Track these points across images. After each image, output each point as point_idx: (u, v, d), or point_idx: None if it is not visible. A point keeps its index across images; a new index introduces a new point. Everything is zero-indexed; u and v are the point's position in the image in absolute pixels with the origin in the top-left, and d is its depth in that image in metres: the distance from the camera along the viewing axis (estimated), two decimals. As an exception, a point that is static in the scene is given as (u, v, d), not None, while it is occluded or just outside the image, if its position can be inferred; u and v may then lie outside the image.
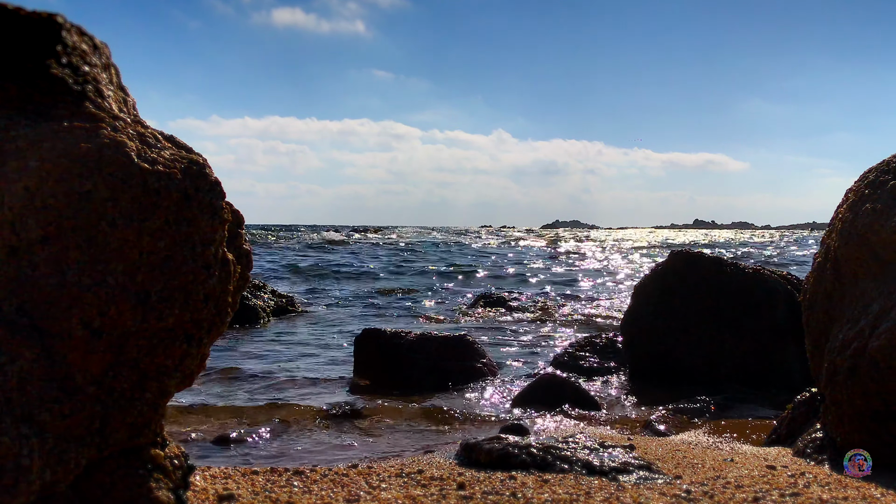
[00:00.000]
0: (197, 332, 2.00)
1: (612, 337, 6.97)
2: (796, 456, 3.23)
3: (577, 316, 10.28)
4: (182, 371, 2.01)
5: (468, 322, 9.64)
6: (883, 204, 3.01)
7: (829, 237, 3.36)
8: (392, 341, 5.98)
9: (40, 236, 1.77)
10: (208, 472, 2.72)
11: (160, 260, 1.89)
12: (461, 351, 6.04)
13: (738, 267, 6.05)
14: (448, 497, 2.50)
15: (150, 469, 2.02)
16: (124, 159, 1.86)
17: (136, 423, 1.93)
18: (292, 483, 2.64)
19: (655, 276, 6.29)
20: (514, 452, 2.96)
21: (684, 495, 2.51)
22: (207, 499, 2.38)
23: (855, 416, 2.87)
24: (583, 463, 2.90)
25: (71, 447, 1.78)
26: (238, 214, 2.24)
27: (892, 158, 3.20)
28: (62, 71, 1.93)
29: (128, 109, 2.10)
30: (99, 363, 1.82)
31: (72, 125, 1.86)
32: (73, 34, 1.98)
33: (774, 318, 5.76)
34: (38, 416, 1.71)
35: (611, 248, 36.81)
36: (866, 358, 2.80)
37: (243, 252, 2.24)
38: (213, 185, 2.03)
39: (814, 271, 3.46)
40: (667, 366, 5.92)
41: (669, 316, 6.00)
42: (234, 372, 6.01)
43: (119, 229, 1.83)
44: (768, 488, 2.59)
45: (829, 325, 3.24)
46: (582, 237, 65.23)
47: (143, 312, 1.86)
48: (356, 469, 2.90)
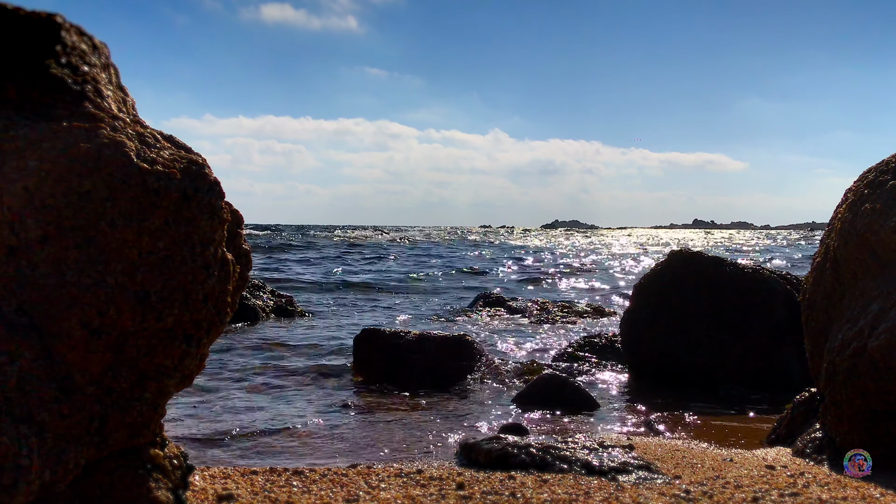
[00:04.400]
0: (196, 333, 2.00)
1: (612, 337, 6.97)
2: (795, 456, 3.23)
3: (576, 316, 10.28)
4: (181, 371, 2.00)
5: (468, 322, 9.64)
6: (882, 204, 3.01)
7: (829, 237, 3.36)
8: (391, 341, 5.98)
9: (40, 236, 1.77)
10: (207, 471, 2.72)
11: (159, 260, 1.89)
12: (460, 351, 6.03)
13: (738, 266, 6.05)
14: (447, 497, 2.50)
15: (149, 469, 2.02)
16: (124, 159, 1.85)
17: (135, 423, 1.93)
18: (291, 483, 2.64)
19: (655, 276, 6.29)
20: (513, 452, 2.96)
21: (683, 495, 2.52)
22: (207, 499, 2.38)
23: (854, 416, 2.87)
24: (582, 463, 2.90)
25: (70, 447, 1.78)
26: (237, 214, 2.23)
27: (892, 158, 3.21)
28: (61, 71, 1.93)
29: (127, 109, 2.10)
30: (98, 363, 1.82)
31: (71, 125, 1.86)
32: (72, 34, 1.98)
33: (773, 317, 5.76)
34: (38, 416, 1.71)
35: (611, 249, 36.79)
36: (865, 358, 2.80)
37: (242, 252, 2.24)
38: (213, 185, 2.02)
39: (813, 271, 3.46)
40: (666, 366, 5.92)
41: (669, 316, 6.00)
42: (234, 371, 6.01)
43: (118, 229, 1.83)
44: (767, 488, 2.59)
45: (829, 325, 3.24)
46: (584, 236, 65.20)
47: (142, 312, 1.86)
48: (355, 469, 2.90)
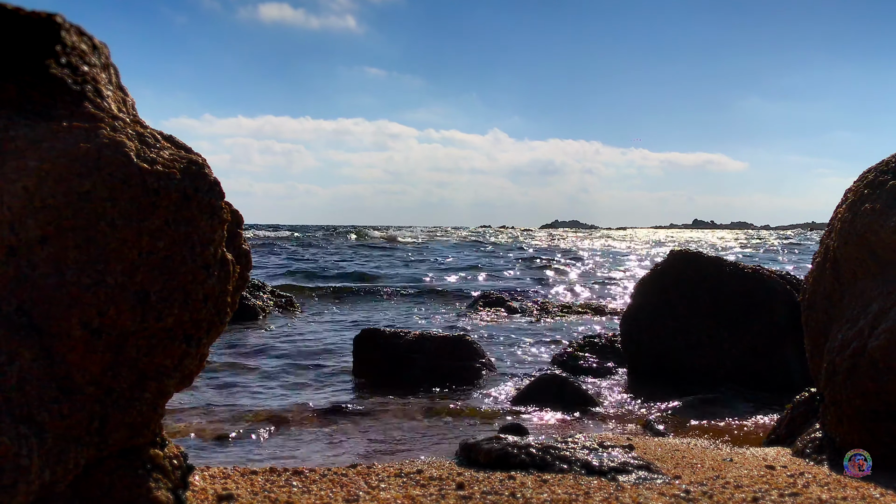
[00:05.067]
0: (196, 333, 2.00)
1: (612, 337, 6.97)
2: (795, 456, 3.23)
3: (576, 316, 10.28)
4: (181, 371, 2.00)
5: (468, 322, 9.64)
6: (882, 204, 3.01)
7: (829, 237, 3.36)
8: (391, 341, 5.98)
9: (39, 236, 1.77)
10: (207, 471, 2.72)
11: (159, 260, 1.89)
12: (460, 351, 6.03)
13: (738, 267, 6.05)
14: (447, 497, 2.50)
15: (149, 469, 2.02)
16: (123, 159, 1.85)
17: (135, 423, 1.93)
18: (291, 483, 2.64)
19: (655, 276, 6.29)
20: (513, 452, 2.96)
21: (683, 495, 2.52)
22: (206, 499, 2.38)
23: (854, 416, 2.87)
24: (582, 463, 2.90)
25: (70, 447, 1.78)
26: (237, 214, 2.23)
27: (891, 158, 3.21)
28: (61, 71, 1.93)
29: (127, 109, 2.10)
30: (98, 363, 1.82)
31: (71, 125, 1.86)
32: (72, 34, 1.98)
33: (773, 317, 5.76)
34: (38, 416, 1.71)
35: (611, 248, 36.80)
36: (865, 358, 2.81)
37: (242, 252, 2.24)
38: (213, 185, 2.03)
39: (813, 271, 3.46)
40: (666, 366, 5.92)
41: (669, 316, 6.00)
42: (233, 369, 6.01)
43: (118, 229, 1.83)
44: (767, 488, 2.59)
45: (829, 325, 3.24)
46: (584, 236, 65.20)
47: (142, 312, 1.86)
48: (355, 469, 2.90)
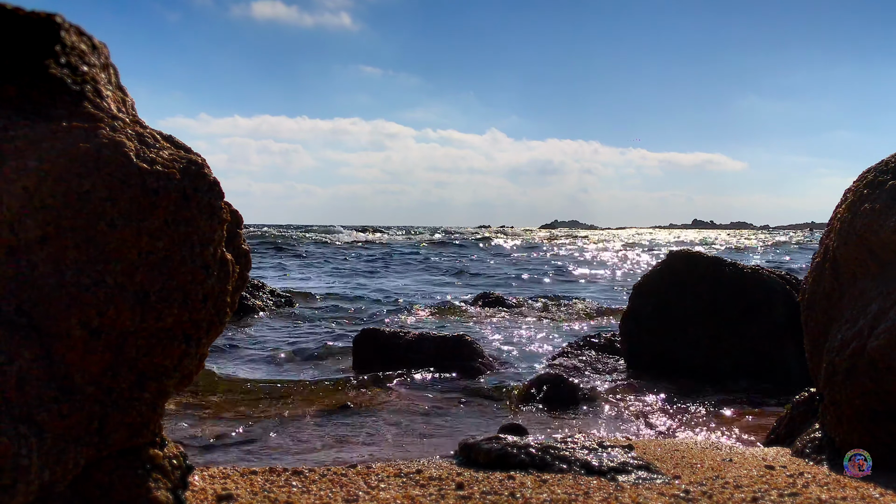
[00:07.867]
0: (196, 333, 2.00)
1: (611, 336, 6.97)
2: (795, 456, 3.23)
3: (576, 315, 10.29)
4: (181, 371, 2.00)
5: (468, 322, 9.65)
6: (882, 204, 3.01)
7: (828, 237, 3.36)
8: (391, 341, 5.98)
9: (39, 236, 1.77)
10: (207, 471, 2.72)
11: (159, 260, 1.89)
12: (459, 350, 6.04)
13: (737, 266, 6.06)
14: (446, 497, 2.50)
15: (148, 469, 2.02)
16: (123, 159, 1.85)
17: (134, 423, 1.93)
18: (291, 483, 2.64)
19: (654, 276, 6.30)
20: (512, 452, 2.96)
21: (683, 495, 2.52)
22: (206, 499, 2.38)
23: (853, 417, 2.87)
24: (581, 463, 2.90)
25: (69, 447, 1.78)
26: (237, 214, 2.23)
27: (891, 158, 3.21)
28: (61, 71, 1.93)
29: (126, 109, 2.10)
30: (98, 363, 1.82)
31: (70, 125, 1.86)
32: (71, 34, 1.98)
33: (773, 317, 5.77)
34: (37, 416, 1.71)
35: (611, 248, 36.81)
36: (865, 358, 2.81)
37: (242, 252, 2.24)
38: (212, 185, 2.03)
39: (812, 271, 3.46)
40: (666, 365, 5.92)
41: (668, 315, 6.00)
42: (232, 369, 6.01)
43: (118, 229, 1.83)
44: (767, 488, 2.59)
45: (828, 325, 3.24)
46: (584, 236, 65.19)
47: (141, 312, 1.86)
48: (355, 469, 2.90)
